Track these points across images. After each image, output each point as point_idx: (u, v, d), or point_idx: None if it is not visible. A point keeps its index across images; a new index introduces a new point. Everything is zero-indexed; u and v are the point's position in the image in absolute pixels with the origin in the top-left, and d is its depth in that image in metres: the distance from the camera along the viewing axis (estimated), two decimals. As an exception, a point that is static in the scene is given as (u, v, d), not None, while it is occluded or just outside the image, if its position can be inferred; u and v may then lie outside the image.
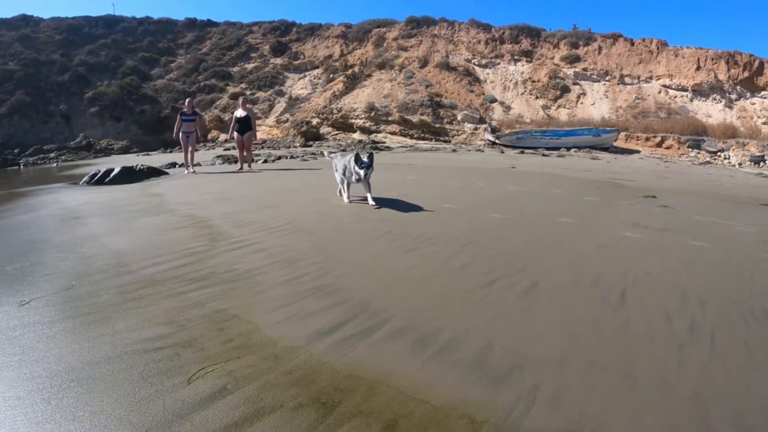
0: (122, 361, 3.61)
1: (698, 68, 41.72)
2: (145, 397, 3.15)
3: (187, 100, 19.64)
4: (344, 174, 10.42)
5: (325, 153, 13.56)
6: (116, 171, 15.44)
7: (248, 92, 47.86)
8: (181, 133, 18.45)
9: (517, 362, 3.78)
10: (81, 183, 15.12)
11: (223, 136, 42.15)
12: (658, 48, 44.97)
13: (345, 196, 10.62)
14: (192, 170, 18.20)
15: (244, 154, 19.05)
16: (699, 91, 41.12)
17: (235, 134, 18.76)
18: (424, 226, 8.10)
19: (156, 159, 24.20)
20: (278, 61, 55.05)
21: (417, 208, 9.73)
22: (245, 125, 18.62)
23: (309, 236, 7.51)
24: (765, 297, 5.56)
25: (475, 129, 38.24)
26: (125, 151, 39.05)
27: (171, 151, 35.09)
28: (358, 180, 10.08)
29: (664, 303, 5.22)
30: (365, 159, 9.86)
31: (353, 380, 3.44)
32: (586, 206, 11.03)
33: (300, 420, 2.98)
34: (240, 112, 18.84)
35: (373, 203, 9.93)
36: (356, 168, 9.83)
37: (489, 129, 36.26)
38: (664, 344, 4.26)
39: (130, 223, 8.47)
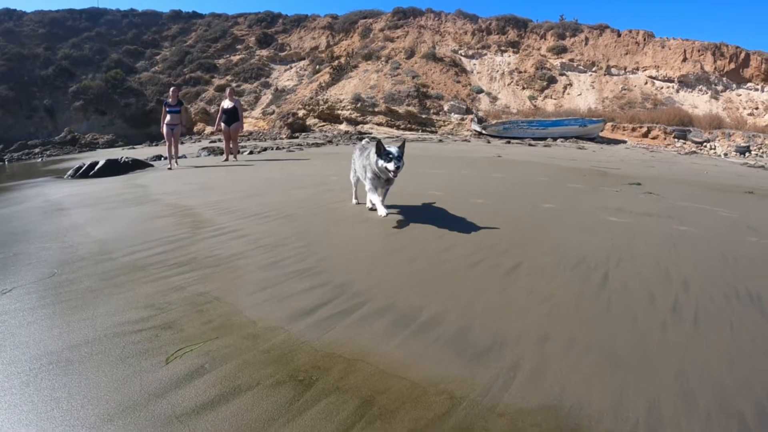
0: (101, 343, 3.59)
1: (684, 60, 41.93)
2: (123, 378, 3.13)
3: (171, 89, 18.40)
4: (366, 174, 7.64)
5: (359, 145, 9.08)
6: (101, 164, 15.33)
7: (234, 84, 47.53)
8: (165, 126, 17.48)
9: (497, 340, 3.78)
10: (66, 177, 15.01)
11: (209, 129, 41.83)
12: (644, 39, 45.13)
13: (377, 203, 7.47)
14: (175, 164, 17.33)
15: (230, 145, 18.89)
16: (685, 83, 41.36)
17: (222, 125, 18.59)
18: (407, 212, 8.06)
19: (141, 152, 23.96)
20: (264, 52, 54.78)
21: (401, 195, 9.58)
22: (232, 116, 18.45)
23: (291, 222, 7.50)
24: (749, 278, 5.61)
25: (462, 119, 38.23)
26: (110, 145, 38.63)
27: (157, 144, 34.77)
28: (388, 182, 7.52)
29: (647, 284, 5.24)
30: (393, 149, 7.12)
31: (331, 358, 3.44)
32: (570, 192, 11.07)
33: (276, 397, 2.97)
34: (227, 103, 18.64)
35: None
36: (381, 162, 7.11)
37: (475, 119, 36.24)
38: (647, 323, 4.28)
39: (113, 213, 8.40)
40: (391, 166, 7.08)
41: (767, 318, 4.56)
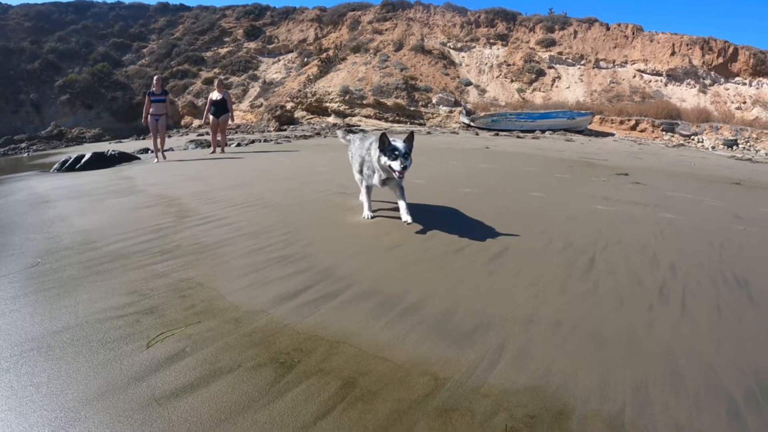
0: (83, 329, 3.57)
1: (673, 53, 42.07)
2: (103, 362, 3.11)
3: (155, 77, 17.49)
4: (361, 170, 7.00)
5: (339, 134, 8.81)
6: (87, 157, 15.17)
7: (222, 77, 47.22)
8: (149, 117, 16.70)
9: (482, 322, 3.77)
10: (52, 170, 14.87)
11: (196, 122, 41.68)
12: (633, 33, 45.24)
13: (365, 205, 7.13)
14: (162, 157, 16.70)
15: (218, 137, 18.69)
16: (673, 76, 41.50)
17: (211, 117, 18.36)
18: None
19: (129, 146, 23.81)
20: (252, 45, 54.57)
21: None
22: (221, 108, 18.25)
23: (277, 211, 7.47)
24: (735, 264, 5.66)
25: (450, 112, 38.21)
26: (97, 139, 38.27)
27: (144, 138, 34.48)
28: (386, 181, 6.63)
29: (634, 268, 5.27)
30: (399, 143, 6.20)
31: (314, 341, 3.42)
32: (558, 182, 11.10)
33: (257, 379, 2.95)
34: (216, 95, 18.36)
35: (409, 219, 6.42)
36: (384, 159, 6.21)
37: (464, 112, 36.20)
38: (634, 306, 4.29)
39: (98, 204, 8.32)
40: (396, 165, 6.03)
41: (754, 302, 4.59)
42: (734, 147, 30.56)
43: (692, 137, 32.79)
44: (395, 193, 6.84)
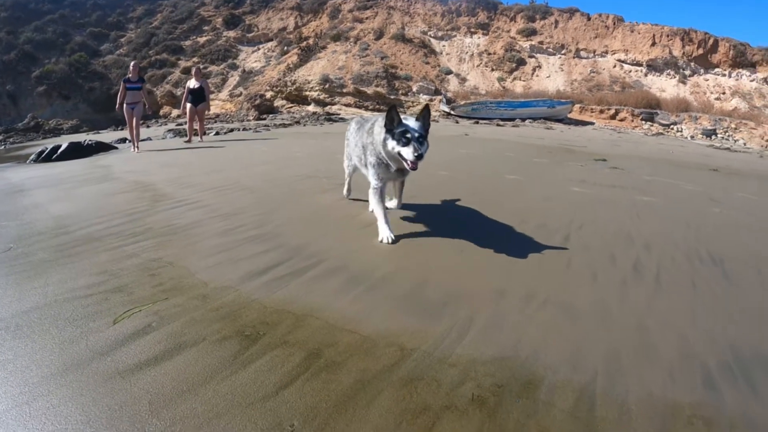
0: (51, 308, 3.55)
1: (653, 44, 42.36)
2: (69, 339, 3.11)
3: (132, 63, 16.82)
4: (366, 159, 5.56)
5: (352, 122, 6.63)
6: (64, 147, 14.91)
7: (201, 66, 46.91)
8: (125, 105, 15.82)
9: (452, 295, 3.78)
10: (28, 161, 14.65)
11: (175, 112, 41.26)
12: (614, 23, 45.49)
13: (380, 219, 5.37)
14: (137, 148, 15.71)
15: (195, 126, 18.33)
16: (654, 66, 41.81)
17: (188, 105, 17.80)
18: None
19: (107, 137, 23.47)
20: (231, 34, 54.18)
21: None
22: (199, 96, 17.86)
23: (252, 194, 7.45)
24: (711, 243, 5.73)
25: (431, 100, 38.13)
26: (75, 130, 37.63)
27: (122, 129, 33.91)
28: (400, 174, 5.44)
29: (609, 246, 5.32)
30: (411, 122, 4.94)
31: (281, 314, 3.43)
32: (535, 166, 11.15)
33: (221, 351, 2.95)
34: (193, 83, 17.90)
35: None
36: (392, 143, 4.89)
37: (444, 100, 36.21)
38: (607, 281, 4.33)
39: (73, 191, 8.22)
40: (408, 152, 4.73)
41: (730, 278, 4.66)
42: (713, 136, 30.89)
43: (671, 126, 33.06)
44: (395, 188, 5.80)
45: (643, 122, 33.92)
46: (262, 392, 2.56)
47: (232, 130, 23.40)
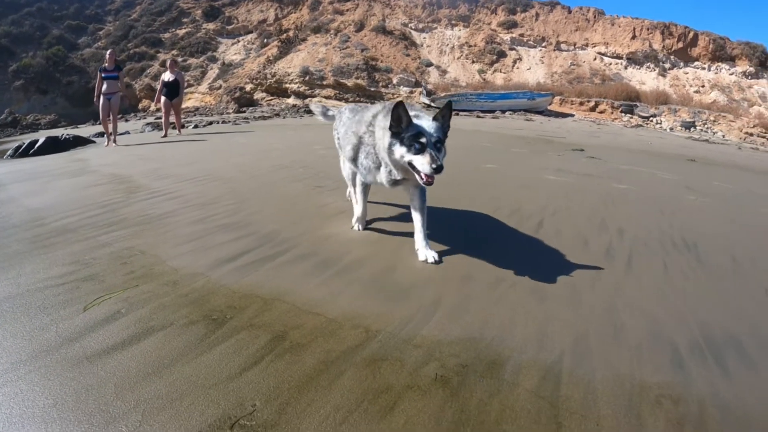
0: (23, 298, 3.55)
1: (634, 37, 42.77)
2: (40, 326, 3.12)
3: (108, 51, 15.90)
4: (356, 158, 4.60)
5: (316, 109, 6.55)
6: (41, 142, 14.72)
7: (180, 59, 46.55)
8: (101, 96, 15.15)
9: (420, 279, 3.83)
10: (5, 156, 14.49)
11: (154, 106, 41.15)
12: (594, 16, 45.84)
13: (356, 208, 5.13)
14: (113, 142, 15.03)
15: (171, 120, 17.91)
16: (634, 59, 42.23)
17: (163, 98, 17.31)
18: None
19: (85, 131, 23.14)
20: (211, 26, 53.84)
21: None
22: (174, 89, 17.33)
23: (226, 184, 7.45)
24: (685, 229, 5.83)
25: (411, 92, 38.20)
26: (53, 125, 36.99)
27: (101, 123, 33.95)
28: (400, 182, 4.35)
29: (582, 231, 5.40)
30: (425, 123, 4.03)
31: (248, 299, 3.46)
32: (513, 156, 11.23)
33: (188, 335, 2.97)
34: (168, 76, 17.36)
35: (430, 256, 4.27)
36: (400, 150, 3.97)
37: (424, 92, 36.25)
38: (579, 264, 4.38)
39: (50, 185, 8.15)
40: (423, 163, 3.83)
41: (702, 262, 4.75)
42: (692, 129, 31.22)
43: (651, 119, 33.37)
44: (411, 200, 4.60)
45: (623, 114, 34.19)
46: (226, 373, 2.58)
47: (211, 123, 23.31)
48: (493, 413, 2.37)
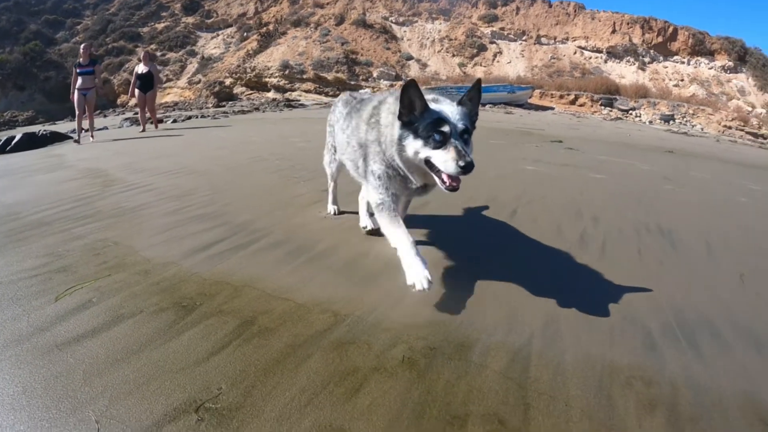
0: None
1: (614, 31, 43.10)
2: (11, 317, 3.12)
3: (82, 45, 15.41)
4: (361, 165, 3.78)
5: (304, 103, 4.75)
6: (18, 138, 14.50)
7: (159, 53, 46.31)
8: (75, 92, 14.71)
9: (392, 265, 3.78)
10: (-19, 155, 14.39)
11: (133, 101, 40.84)
12: (575, 11, 46.16)
13: (386, 222, 3.51)
14: (90, 138, 14.79)
15: (146, 114, 17.36)
16: (614, 53, 42.59)
17: (137, 92, 16.86)
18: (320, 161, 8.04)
19: (63, 127, 22.87)
20: (190, 20, 53.53)
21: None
22: (148, 82, 16.82)
23: (203, 176, 7.45)
24: (661, 217, 5.92)
25: (391, 86, 38.22)
26: (31, 122, 36.42)
27: (84, 119, 33.58)
28: (422, 192, 3.60)
29: (556, 219, 5.45)
30: (447, 108, 3.16)
31: (219, 286, 3.48)
32: (491, 147, 11.30)
33: (157, 322, 2.99)
34: (141, 68, 16.87)
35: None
36: (415, 144, 3.11)
37: (404, 86, 36.26)
38: (552, 250, 4.46)
39: (26, 180, 8.12)
40: (447, 160, 2.97)
41: (677, 248, 4.84)
42: (671, 122, 31.53)
43: (630, 112, 33.66)
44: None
45: (603, 108, 34.45)
46: (194, 358, 2.60)
47: (190, 118, 23.18)
48: (460, 394, 2.39)
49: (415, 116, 3.10)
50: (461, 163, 2.89)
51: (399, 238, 3.32)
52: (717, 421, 2.37)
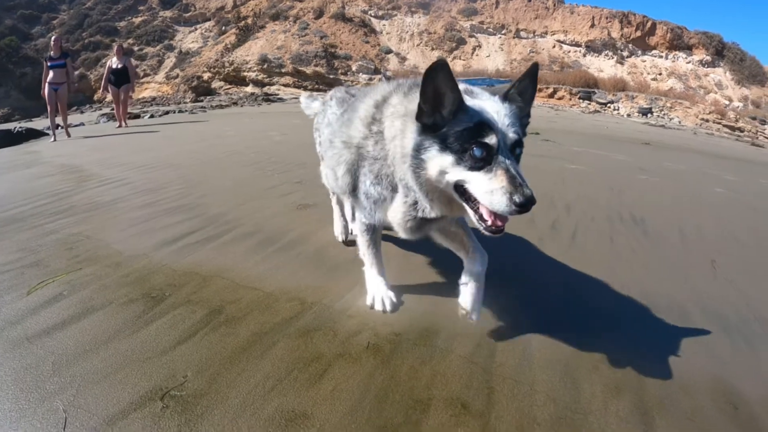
0: None
1: (593, 26, 43.32)
2: None
3: (53, 38, 15.06)
4: (354, 188, 2.88)
5: (303, 100, 4.47)
6: (-8, 136, 14.47)
7: (136, 48, 45.95)
8: (46, 86, 14.24)
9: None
10: (-44, 154, 14.21)
11: (110, 96, 40.41)
12: (554, 5, 46.32)
13: (375, 285, 3.11)
14: (65, 135, 14.49)
15: (121, 109, 16.98)
16: (592, 47, 42.83)
17: (112, 88, 16.57)
18: (297, 154, 8.04)
19: (39, 124, 22.69)
20: (168, 13, 52.97)
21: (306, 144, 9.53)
22: (122, 77, 16.45)
23: (178, 170, 7.47)
24: (634, 206, 6.05)
25: (370, 80, 38.17)
26: (6, 119, 35.81)
27: (57, 115, 33.20)
28: (433, 224, 2.79)
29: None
30: (492, 106, 2.29)
31: (188, 276, 3.52)
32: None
33: (126, 313, 3.01)
34: (115, 62, 16.53)
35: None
36: (444, 159, 2.20)
37: (384, 79, 36.18)
38: (521, 239, 4.54)
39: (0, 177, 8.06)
40: (495, 191, 2.12)
41: (650, 236, 4.96)
42: (649, 115, 31.78)
43: (609, 105, 33.83)
44: (455, 243, 3.10)
45: (581, 101, 34.59)
46: (161, 347, 2.63)
47: (167, 113, 22.99)
48: (423, 379, 2.44)
49: (443, 116, 2.21)
50: (518, 199, 2.03)
51: (371, 257, 3.08)
52: (684, 404, 2.42)
